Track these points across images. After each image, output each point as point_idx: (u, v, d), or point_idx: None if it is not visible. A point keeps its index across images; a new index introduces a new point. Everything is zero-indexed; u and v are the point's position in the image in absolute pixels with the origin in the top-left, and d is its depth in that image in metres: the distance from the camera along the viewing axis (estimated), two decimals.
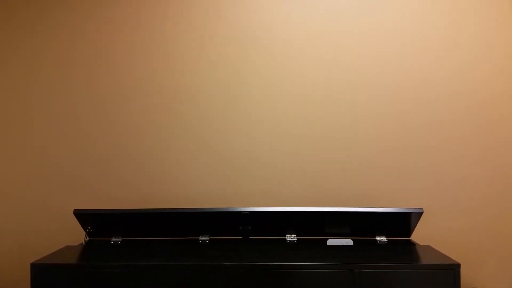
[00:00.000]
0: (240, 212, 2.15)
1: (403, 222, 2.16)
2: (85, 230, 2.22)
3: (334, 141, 2.39)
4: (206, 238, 2.26)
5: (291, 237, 2.25)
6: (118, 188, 2.43)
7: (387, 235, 2.22)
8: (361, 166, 2.38)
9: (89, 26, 2.45)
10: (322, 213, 2.13)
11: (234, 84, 2.42)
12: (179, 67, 2.43)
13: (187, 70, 2.43)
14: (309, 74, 2.40)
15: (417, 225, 2.32)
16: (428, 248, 2.06)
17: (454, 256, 2.33)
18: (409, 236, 2.23)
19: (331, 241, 2.20)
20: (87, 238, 2.27)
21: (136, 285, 1.79)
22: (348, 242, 2.19)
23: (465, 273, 2.33)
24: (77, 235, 2.40)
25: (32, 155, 2.45)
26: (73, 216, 2.38)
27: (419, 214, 2.11)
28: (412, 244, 2.17)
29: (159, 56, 2.43)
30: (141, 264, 1.81)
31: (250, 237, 2.24)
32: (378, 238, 2.22)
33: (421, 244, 2.20)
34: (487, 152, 2.35)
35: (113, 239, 2.26)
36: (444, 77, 2.36)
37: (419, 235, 2.34)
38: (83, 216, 2.17)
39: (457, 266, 1.77)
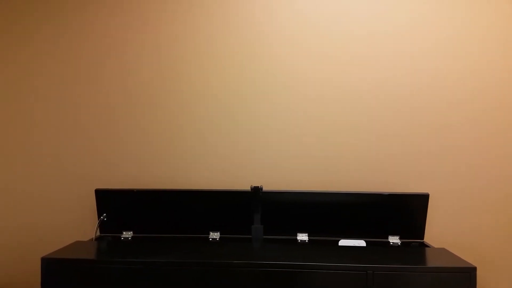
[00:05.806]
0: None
1: (411, 210, 2.18)
2: (99, 217, 2.24)
3: (345, 143, 2.36)
4: (216, 236, 2.24)
5: (303, 237, 2.22)
6: (124, 187, 2.43)
7: (400, 236, 2.18)
8: (377, 168, 2.35)
9: (95, 24, 2.43)
10: (331, 194, 2.21)
11: (242, 83, 2.40)
12: (186, 66, 2.41)
13: (193, 68, 2.41)
14: (318, 73, 2.37)
15: (432, 228, 2.30)
16: (443, 250, 2.02)
17: (470, 259, 2.29)
18: (423, 237, 2.19)
19: (343, 242, 2.17)
20: (98, 233, 2.27)
21: (146, 281, 1.78)
22: (361, 243, 2.15)
23: (481, 277, 2.28)
24: (88, 232, 2.41)
25: (38, 151, 2.45)
26: (83, 211, 2.40)
27: (425, 197, 2.16)
28: (426, 246, 2.13)
29: (165, 55, 2.42)
30: (152, 260, 1.79)
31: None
32: (391, 240, 2.19)
33: (435, 246, 2.16)
34: (504, 154, 2.30)
35: (124, 234, 2.26)
36: (460, 75, 2.32)
37: (433, 239, 2.31)
38: (103, 195, 2.25)
39: (473, 269, 1.73)
